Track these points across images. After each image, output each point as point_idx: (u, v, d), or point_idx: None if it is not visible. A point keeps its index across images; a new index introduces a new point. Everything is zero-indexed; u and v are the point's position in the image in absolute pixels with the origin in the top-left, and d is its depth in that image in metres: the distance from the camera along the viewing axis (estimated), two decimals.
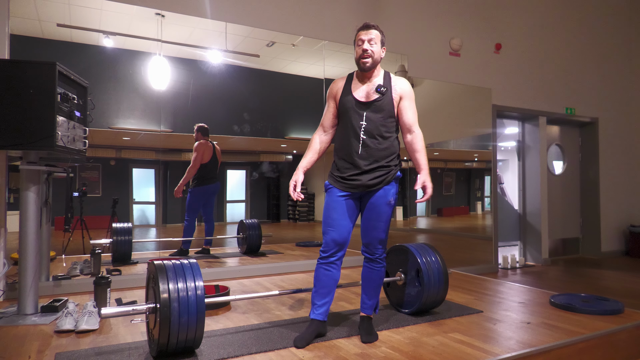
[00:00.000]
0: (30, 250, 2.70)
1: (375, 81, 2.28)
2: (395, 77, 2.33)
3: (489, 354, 2.11)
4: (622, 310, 2.80)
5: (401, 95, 2.29)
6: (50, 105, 2.54)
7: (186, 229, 4.30)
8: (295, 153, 5.09)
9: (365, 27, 2.25)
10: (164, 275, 1.98)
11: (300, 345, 2.17)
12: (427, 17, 5.22)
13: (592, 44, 6.68)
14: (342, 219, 2.25)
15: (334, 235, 2.24)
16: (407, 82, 2.34)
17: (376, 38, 2.23)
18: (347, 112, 2.27)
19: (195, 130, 4.25)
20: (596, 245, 6.61)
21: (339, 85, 2.35)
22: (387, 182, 2.26)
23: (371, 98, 2.25)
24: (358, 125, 2.23)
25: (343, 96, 2.30)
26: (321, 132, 2.41)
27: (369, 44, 2.22)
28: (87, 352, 2.09)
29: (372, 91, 2.26)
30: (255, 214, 4.99)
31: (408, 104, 2.30)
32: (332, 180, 2.32)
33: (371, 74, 2.28)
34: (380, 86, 2.25)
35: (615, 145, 6.84)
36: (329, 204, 2.29)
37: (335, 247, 2.25)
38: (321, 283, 2.28)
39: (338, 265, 2.29)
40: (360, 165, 2.23)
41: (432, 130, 5.51)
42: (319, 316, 2.29)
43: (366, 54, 2.21)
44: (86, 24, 3.73)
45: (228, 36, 4.19)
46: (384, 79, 2.30)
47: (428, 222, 6.18)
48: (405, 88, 2.31)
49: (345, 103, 2.28)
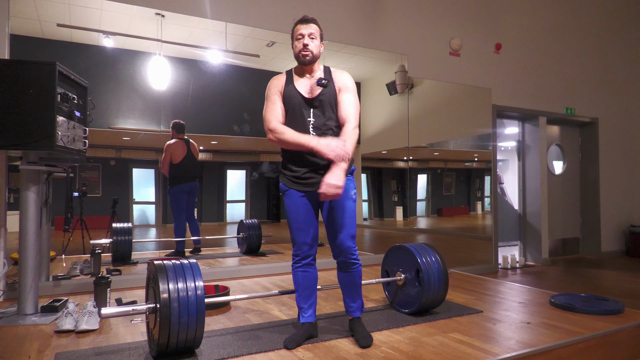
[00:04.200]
0: (30, 250, 2.70)
1: (316, 75, 2.25)
2: (336, 71, 2.30)
3: (489, 354, 2.10)
4: (622, 310, 2.80)
5: (340, 87, 2.24)
6: (50, 105, 2.54)
7: (176, 230, 4.26)
8: None
9: (305, 20, 2.21)
10: (164, 275, 1.98)
11: (291, 347, 2.15)
12: (427, 17, 5.22)
13: (592, 44, 6.68)
14: (308, 219, 2.23)
15: (304, 238, 2.23)
16: (348, 75, 2.29)
17: (316, 32, 2.20)
18: (293, 108, 2.20)
19: (170, 127, 4.12)
20: (596, 245, 6.61)
21: (281, 81, 2.27)
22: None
23: (315, 93, 2.21)
24: (305, 121, 2.18)
25: (287, 92, 2.22)
26: (278, 122, 2.20)
27: (309, 38, 2.18)
28: (87, 352, 2.09)
29: (314, 85, 2.22)
30: (255, 214, 4.99)
31: (346, 97, 2.23)
32: (287, 182, 2.25)
33: (311, 68, 2.25)
34: (321, 79, 2.21)
35: (615, 145, 6.84)
36: (291, 207, 2.23)
37: (308, 248, 2.25)
38: (302, 286, 2.27)
39: (314, 264, 2.30)
40: (313, 162, 2.17)
41: (432, 130, 5.52)
42: (309, 319, 2.29)
43: (307, 48, 2.18)
44: (86, 24, 3.73)
45: (228, 36, 4.19)
46: (325, 73, 2.27)
47: (428, 222, 6.19)
48: (345, 81, 2.26)
49: (291, 98, 2.20)
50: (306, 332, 2.25)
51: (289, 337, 2.21)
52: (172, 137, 4.15)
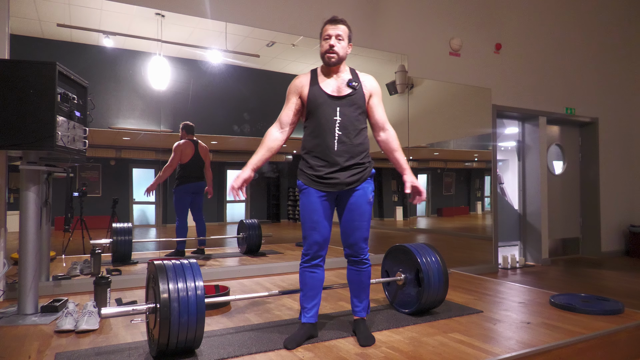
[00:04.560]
0: (30, 250, 2.70)
1: (344, 76, 2.25)
2: (363, 74, 2.31)
3: (489, 354, 2.10)
4: (622, 310, 2.80)
5: (371, 92, 2.28)
6: (50, 105, 2.53)
7: (178, 230, 4.26)
8: (295, 153, 5.09)
9: (334, 21, 2.22)
10: (164, 275, 1.98)
11: (291, 347, 2.15)
12: (427, 17, 5.22)
13: (592, 44, 6.68)
14: (323, 220, 2.22)
15: (318, 238, 2.22)
16: (375, 80, 2.33)
17: (344, 34, 2.21)
18: (319, 107, 2.19)
19: (180, 128, 4.20)
20: (596, 245, 6.61)
21: (304, 81, 2.27)
22: (364, 180, 2.24)
23: (343, 92, 2.22)
24: (332, 120, 2.18)
25: (312, 91, 2.22)
26: (277, 128, 2.29)
27: (336, 39, 2.19)
28: (87, 352, 2.09)
29: (342, 85, 2.23)
30: (255, 214, 4.98)
31: (378, 101, 2.30)
32: (306, 180, 2.24)
33: (338, 69, 2.26)
34: (351, 80, 2.23)
35: (615, 145, 6.84)
36: (307, 205, 2.23)
37: (319, 248, 2.24)
38: (308, 286, 2.27)
39: (322, 266, 2.29)
40: (338, 161, 2.18)
41: (432, 130, 5.51)
42: (311, 319, 2.29)
43: (332, 49, 2.19)
44: (86, 24, 3.73)
45: (228, 36, 4.19)
46: (352, 74, 2.28)
47: (428, 222, 6.19)
48: (375, 85, 2.31)
49: (317, 98, 2.20)
50: (306, 333, 2.25)
51: (289, 337, 2.21)
52: (182, 138, 4.21)
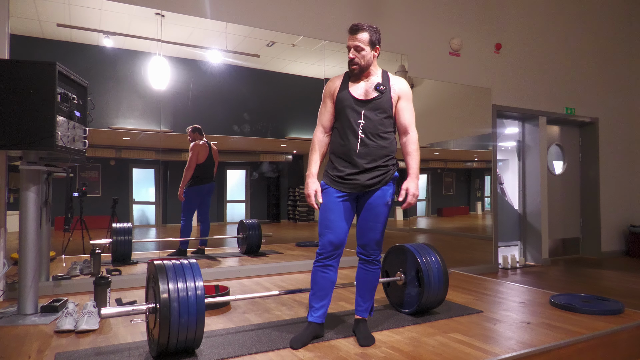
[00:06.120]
0: (30, 250, 2.70)
1: (373, 79, 2.26)
2: (394, 77, 2.31)
3: (489, 354, 2.10)
4: (622, 310, 2.80)
5: (399, 95, 2.27)
6: (50, 105, 2.53)
7: (183, 229, 4.30)
8: (295, 153, 5.09)
9: (352, 30, 2.22)
10: (164, 276, 1.98)
11: (296, 347, 2.15)
12: (427, 17, 5.22)
13: (592, 44, 6.68)
14: (339, 220, 2.23)
15: (331, 237, 2.22)
16: (405, 83, 2.32)
17: (363, 43, 2.20)
18: (344, 110, 2.24)
19: (190, 130, 4.24)
20: (596, 245, 6.61)
21: (336, 83, 2.31)
22: (385, 183, 2.25)
23: (370, 96, 2.23)
24: (356, 123, 2.21)
25: (340, 94, 2.26)
26: (322, 132, 2.34)
27: (355, 51, 2.20)
28: (87, 352, 2.09)
29: (370, 89, 2.24)
30: (255, 214, 4.98)
31: (406, 105, 2.28)
32: (328, 180, 2.29)
33: (368, 73, 2.27)
34: (379, 84, 2.23)
35: (615, 145, 6.84)
36: (325, 204, 2.26)
37: (333, 249, 2.24)
38: (318, 285, 2.27)
39: (335, 267, 2.28)
40: (359, 164, 2.20)
41: (432, 130, 5.51)
42: (317, 319, 2.28)
43: (353, 62, 2.22)
44: (86, 24, 3.73)
45: (228, 36, 4.19)
46: (382, 77, 2.28)
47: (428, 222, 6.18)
48: (404, 88, 2.29)
49: (343, 101, 2.25)
50: (312, 333, 2.25)
51: (295, 337, 2.21)
52: (191, 140, 4.26)
